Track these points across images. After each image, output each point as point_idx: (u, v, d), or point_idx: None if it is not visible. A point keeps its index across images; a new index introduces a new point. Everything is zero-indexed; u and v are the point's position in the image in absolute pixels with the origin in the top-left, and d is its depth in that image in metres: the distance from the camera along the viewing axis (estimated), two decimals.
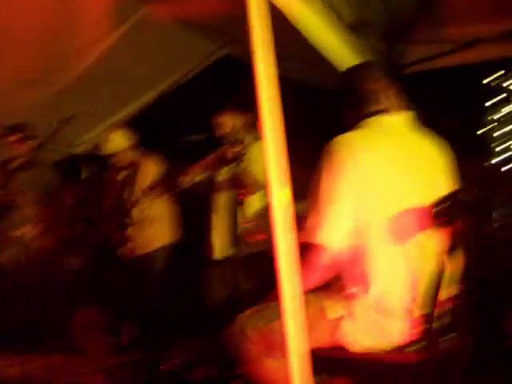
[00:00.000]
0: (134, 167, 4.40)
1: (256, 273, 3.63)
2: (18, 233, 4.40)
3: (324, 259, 1.88)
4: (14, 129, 4.48)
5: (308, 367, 1.55)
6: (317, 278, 1.93)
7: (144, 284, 4.31)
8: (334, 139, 1.93)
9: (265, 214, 3.69)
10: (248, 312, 2.11)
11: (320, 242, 1.85)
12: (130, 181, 4.34)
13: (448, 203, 1.84)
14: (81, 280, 4.98)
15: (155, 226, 4.31)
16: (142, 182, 4.23)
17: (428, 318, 1.81)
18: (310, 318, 1.90)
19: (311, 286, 1.91)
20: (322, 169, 1.90)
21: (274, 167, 1.69)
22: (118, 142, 4.40)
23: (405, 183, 1.89)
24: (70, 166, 4.97)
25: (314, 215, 1.88)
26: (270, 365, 1.99)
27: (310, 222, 1.89)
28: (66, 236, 4.59)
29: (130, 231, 4.29)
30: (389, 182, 1.87)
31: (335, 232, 1.86)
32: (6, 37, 3.75)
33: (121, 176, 4.45)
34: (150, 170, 4.30)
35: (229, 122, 3.74)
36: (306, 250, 1.89)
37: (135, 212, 4.25)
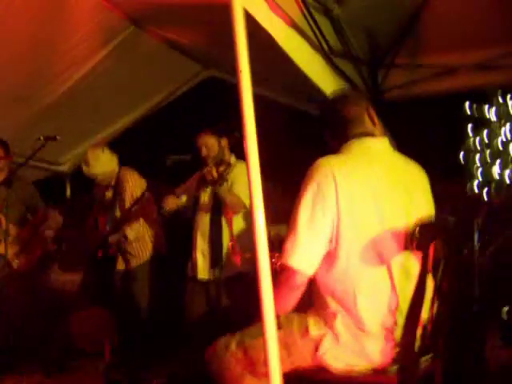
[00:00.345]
0: (118, 186, 4.39)
1: (238, 294, 3.64)
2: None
3: (295, 282, 1.90)
4: None
5: None
6: (288, 300, 1.95)
7: (127, 300, 4.30)
8: (315, 163, 1.95)
9: (248, 234, 3.72)
10: (232, 332, 2.11)
11: (292, 265, 1.87)
12: (115, 199, 4.33)
13: (426, 226, 1.87)
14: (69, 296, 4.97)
15: (139, 243, 4.32)
16: (127, 200, 4.22)
17: (409, 339, 1.83)
18: (294, 334, 1.94)
19: (283, 307, 1.94)
20: (301, 192, 1.92)
21: (257, 189, 1.72)
22: (102, 161, 4.39)
23: (385, 206, 1.91)
24: (53, 185, 4.93)
25: (289, 238, 1.90)
26: (251, 383, 2.00)
27: (285, 245, 1.91)
28: (46, 254, 4.56)
29: (115, 248, 4.28)
30: (368, 204, 1.89)
31: (308, 256, 1.88)
32: None
33: (106, 195, 4.44)
34: (135, 188, 4.29)
35: (213, 143, 3.76)
36: (279, 272, 1.92)
37: (121, 229, 4.26)
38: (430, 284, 1.91)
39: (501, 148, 6.06)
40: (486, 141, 6.22)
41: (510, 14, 3.55)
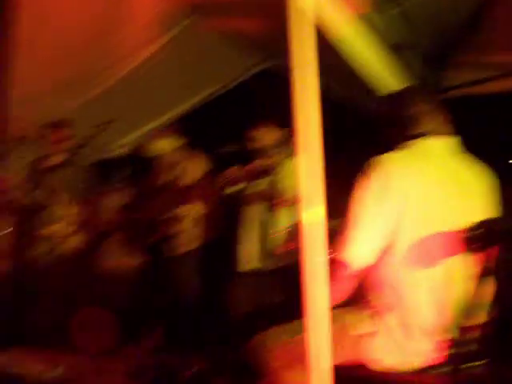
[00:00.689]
0: (178, 168, 4.44)
1: (282, 287, 3.63)
2: (48, 231, 4.45)
3: (346, 276, 1.89)
4: (57, 125, 4.50)
5: None
6: (337, 295, 1.92)
7: (175, 285, 4.36)
8: (373, 159, 1.94)
9: (294, 229, 3.69)
10: (274, 327, 2.10)
11: (345, 259, 1.87)
12: (175, 182, 4.37)
13: (481, 229, 1.83)
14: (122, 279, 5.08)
15: (193, 228, 4.36)
16: (187, 182, 4.25)
17: (453, 343, 1.80)
18: (333, 333, 1.91)
19: (335, 295, 1.90)
20: (358, 187, 1.91)
21: (307, 185, 1.69)
22: (165, 143, 4.44)
23: (439, 207, 1.88)
24: (109, 168, 5.02)
25: (346, 232, 1.90)
26: (290, 379, 1.99)
27: (341, 239, 1.91)
28: (101, 236, 4.65)
29: (172, 230, 4.33)
30: (422, 205, 1.86)
31: (362, 251, 1.87)
32: (52, 38, 3.84)
33: (166, 177, 4.49)
34: (196, 171, 4.33)
35: (263, 136, 3.76)
36: (332, 265, 1.90)
37: (179, 212, 4.30)
38: (487, 288, 1.86)
39: None
40: None
41: None
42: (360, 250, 1.87)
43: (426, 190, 1.88)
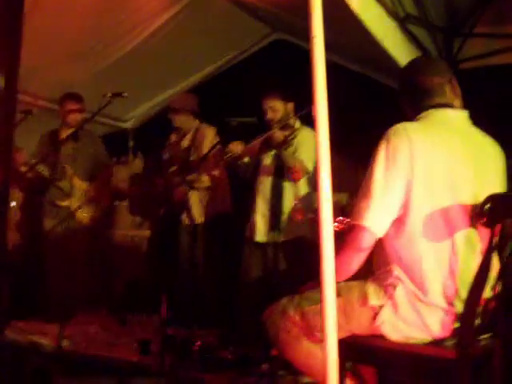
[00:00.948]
0: (195, 139, 4.44)
1: (296, 258, 3.65)
2: (65, 203, 4.48)
3: (364, 242, 1.88)
4: (71, 97, 4.47)
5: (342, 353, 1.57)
6: (352, 263, 1.93)
7: (187, 256, 4.40)
8: (392, 127, 1.92)
9: (309, 199, 3.70)
10: (290, 296, 2.12)
11: (365, 224, 1.85)
12: (189, 150, 4.37)
13: (498, 202, 1.81)
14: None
15: (204, 200, 4.39)
16: (203, 149, 4.26)
17: (470, 314, 1.80)
18: (353, 302, 1.94)
19: (346, 270, 1.92)
20: (376, 154, 1.90)
21: (325, 156, 1.68)
22: (188, 104, 4.45)
23: (458, 178, 1.88)
24: (116, 140, 5.02)
25: (362, 199, 1.88)
26: (307, 347, 2.02)
27: (357, 205, 1.90)
28: (112, 209, 4.67)
29: (183, 202, 4.35)
30: (442, 174, 1.86)
31: (380, 216, 1.86)
32: (61, 10, 3.81)
33: (182, 144, 4.50)
34: (206, 142, 4.34)
35: (279, 106, 3.74)
36: (347, 232, 1.90)
37: (190, 183, 4.33)
38: (495, 262, 1.86)
39: None
40: None
41: None
42: (380, 217, 1.86)
43: (445, 159, 1.87)
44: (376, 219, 1.85)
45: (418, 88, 2.05)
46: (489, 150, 2.04)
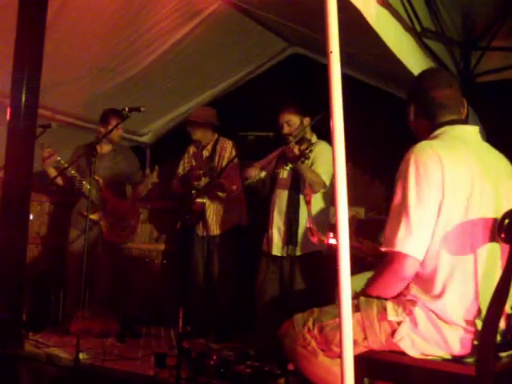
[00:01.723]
0: (215, 151, 4.49)
1: (312, 272, 3.63)
2: (94, 216, 4.47)
3: (409, 270, 1.84)
4: (116, 113, 4.42)
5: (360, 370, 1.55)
6: (395, 290, 1.91)
7: (203, 268, 4.43)
8: (416, 146, 1.90)
9: (325, 214, 3.69)
10: (309, 309, 2.10)
11: (408, 252, 1.81)
12: (209, 162, 4.40)
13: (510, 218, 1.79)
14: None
15: (222, 212, 4.44)
16: (224, 162, 4.31)
17: (490, 331, 1.77)
18: (371, 317, 1.92)
19: (393, 292, 1.91)
20: (406, 175, 1.86)
21: (341, 169, 1.67)
22: (208, 117, 4.48)
23: (478, 194, 1.86)
24: (136, 154, 5.05)
25: (398, 223, 1.84)
26: (324, 362, 2.00)
27: (393, 230, 1.85)
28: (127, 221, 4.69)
29: (201, 214, 4.40)
30: (465, 190, 1.84)
31: (421, 240, 1.82)
32: (80, 27, 3.87)
33: (203, 155, 4.54)
34: (229, 151, 4.39)
35: (295, 120, 3.75)
36: (391, 260, 1.86)
37: (207, 196, 4.39)
38: None
39: None
40: None
41: None
42: (421, 242, 1.81)
43: (469, 174, 1.86)
44: (417, 244, 1.82)
45: (430, 102, 2.03)
46: (502, 164, 2.03)
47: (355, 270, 1.68)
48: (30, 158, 3.58)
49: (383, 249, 1.87)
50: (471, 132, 2.03)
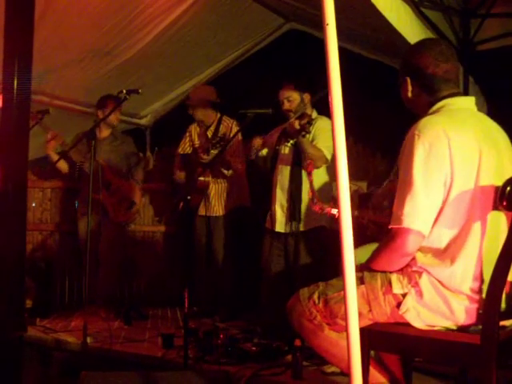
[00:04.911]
0: (218, 130, 4.45)
1: (316, 247, 3.63)
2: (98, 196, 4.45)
3: (413, 246, 1.84)
4: (113, 98, 4.36)
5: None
6: (399, 265, 1.91)
7: (206, 248, 4.43)
8: (420, 123, 1.88)
9: (328, 189, 3.67)
10: (314, 284, 2.11)
11: (414, 227, 1.81)
12: (213, 143, 4.35)
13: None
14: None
15: (224, 192, 4.42)
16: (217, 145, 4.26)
17: (494, 299, 1.77)
18: (376, 290, 1.92)
19: (396, 267, 1.91)
20: (411, 151, 1.84)
21: (341, 144, 1.65)
22: (207, 96, 4.44)
23: (483, 164, 1.85)
24: (133, 137, 5.02)
25: (404, 199, 1.83)
26: (330, 336, 2.02)
27: (400, 206, 1.84)
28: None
29: (204, 194, 4.39)
30: (473, 162, 1.84)
31: (427, 216, 1.82)
32: (75, 10, 3.82)
33: (208, 134, 4.49)
34: (234, 130, 4.36)
35: (295, 96, 3.72)
36: (395, 235, 1.85)
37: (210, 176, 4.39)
38: None
39: None
40: None
41: None
42: (426, 217, 1.82)
43: (476, 146, 1.85)
44: (424, 220, 1.82)
45: (435, 78, 1.99)
46: (500, 133, 2.02)
47: (359, 241, 1.68)
48: (24, 146, 3.55)
49: (391, 226, 1.86)
50: (470, 102, 2.02)
